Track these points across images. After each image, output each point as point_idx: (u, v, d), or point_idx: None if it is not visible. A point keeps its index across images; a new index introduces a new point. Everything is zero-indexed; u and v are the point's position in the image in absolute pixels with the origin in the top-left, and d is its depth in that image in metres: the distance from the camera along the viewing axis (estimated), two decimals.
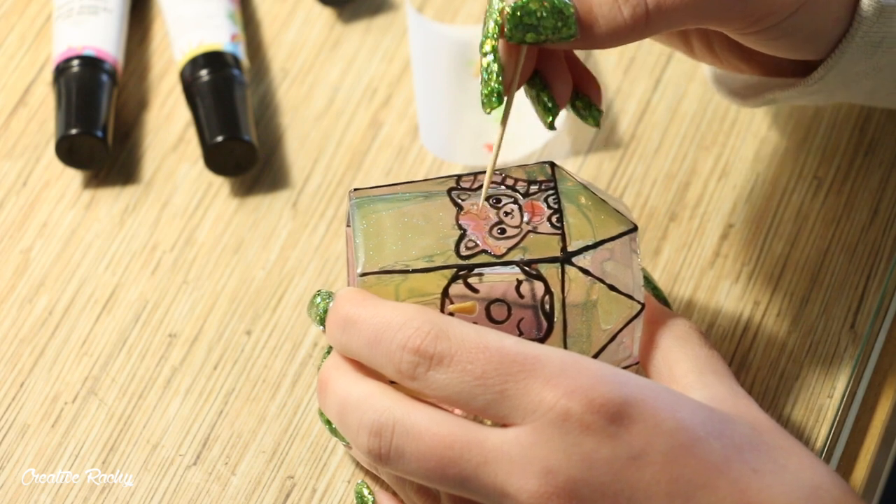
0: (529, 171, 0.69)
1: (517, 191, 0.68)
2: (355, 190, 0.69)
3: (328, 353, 0.71)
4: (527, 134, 0.82)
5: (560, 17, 0.64)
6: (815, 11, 0.67)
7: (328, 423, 0.71)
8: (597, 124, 0.68)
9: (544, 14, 0.64)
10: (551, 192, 0.68)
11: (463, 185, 0.68)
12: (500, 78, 0.65)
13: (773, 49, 0.69)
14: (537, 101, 0.67)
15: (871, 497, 0.78)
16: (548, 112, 0.67)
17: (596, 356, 0.67)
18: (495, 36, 0.65)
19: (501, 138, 0.68)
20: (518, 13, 0.64)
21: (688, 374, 0.67)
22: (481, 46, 0.66)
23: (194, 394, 0.76)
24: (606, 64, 0.85)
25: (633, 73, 0.84)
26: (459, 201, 0.68)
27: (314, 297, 0.68)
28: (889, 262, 0.79)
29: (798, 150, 0.82)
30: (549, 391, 0.60)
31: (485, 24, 0.66)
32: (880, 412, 0.76)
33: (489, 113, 0.66)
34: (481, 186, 0.68)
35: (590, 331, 0.67)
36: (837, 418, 0.75)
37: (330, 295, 0.67)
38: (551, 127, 0.67)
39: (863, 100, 0.76)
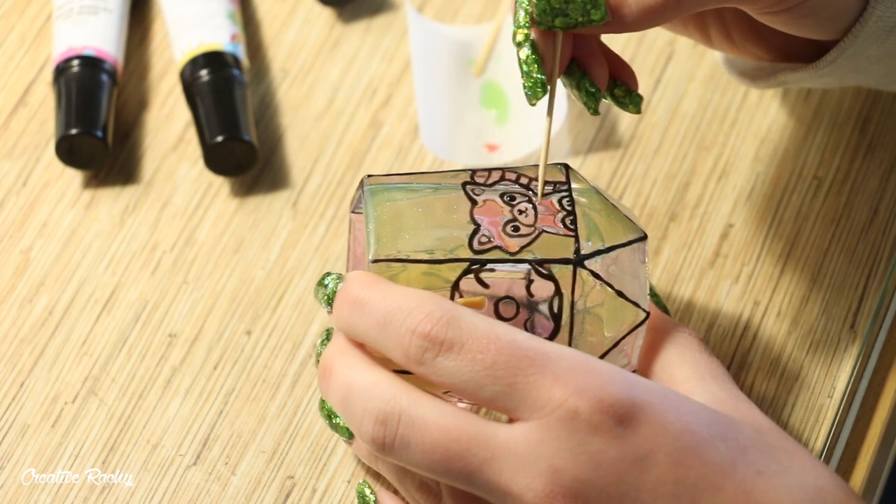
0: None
1: (531, 190, 0.68)
2: (369, 176, 0.68)
3: (325, 340, 0.70)
4: (527, 134, 0.82)
5: (589, 0, 0.64)
6: None
7: (329, 416, 0.71)
8: (638, 110, 0.68)
9: None
10: (565, 193, 0.68)
11: (477, 179, 0.68)
12: (541, 68, 0.65)
13: (797, 29, 0.69)
14: (579, 88, 0.67)
15: (871, 497, 0.78)
16: (591, 97, 0.67)
17: None
18: (527, 25, 0.65)
19: (550, 129, 0.67)
20: None
21: (688, 380, 0.67)
22: (513, 37, 0.66)
23: (194, 394, 0.76)
24: None
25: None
26: (474, 196, 0.67)
27: (323, 278, 0.67)
28: (889, 262, 0.79)
29: (798, 150, 0.82)
30: (558, 388, 0.60)
31: (515, 15, 0.66)
32: (880, 412, 0.76)
33: (534, 105, 0.66)
34: (495, 182, 0.68)
35: (594, 335, 0.67)
36: (837, 418, 0.75)
37: (340, 277, 0.67)
38: (596, 112, 0.67)
39: (874, 84, 0.76)
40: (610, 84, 0.68)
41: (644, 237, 0.67)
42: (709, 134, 0.83)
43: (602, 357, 0.67)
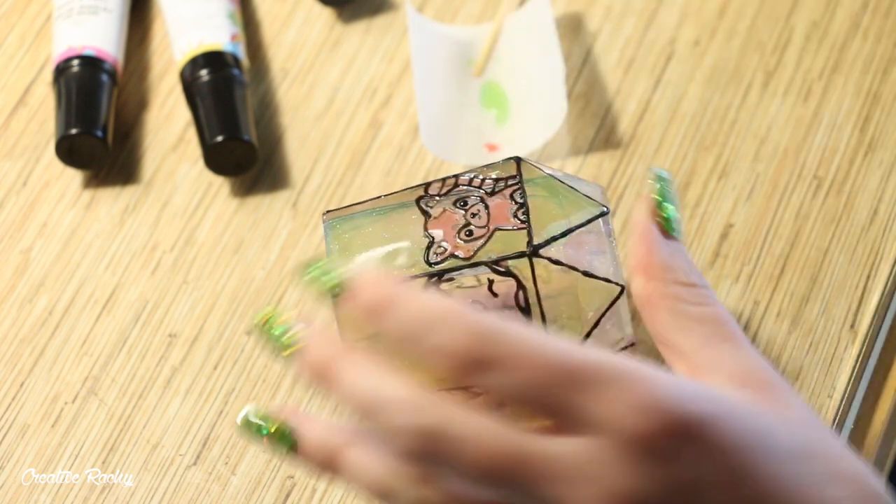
0: (496, 169, 0.69)
1: (483, 189, 0.68)
2: (328, 212, 0.69)
3: (273, 325, 0.62)
4: (527, 134, 0.82)
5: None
6: None
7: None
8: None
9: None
10: (516, 186, 0.67)
11: (431, 192, 0.68)
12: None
13: None
14: None
15: None
16: None
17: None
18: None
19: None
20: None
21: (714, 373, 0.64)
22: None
23: (194, 394, 0.76)
24: (606, 64, 0.85)
25: (633, 73, 0.84)
26: (427, 209, 0.67)
27: (319, 264, 0.61)
28: (889, 262, 0.79)
29: (798, 150, 0.82)
30: (617, 405, 0.57)
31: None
32: (880, 412, 0.76)
33: None
34: (449, 191, 0.68)
35: (573, 318, 0.66)
36: (837, 418, 0.75)
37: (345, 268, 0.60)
38: None
39: None
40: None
41: (605, 212, 0.67)
42: (709, 134, 0.83)
43: (587, 335, 0.67)
